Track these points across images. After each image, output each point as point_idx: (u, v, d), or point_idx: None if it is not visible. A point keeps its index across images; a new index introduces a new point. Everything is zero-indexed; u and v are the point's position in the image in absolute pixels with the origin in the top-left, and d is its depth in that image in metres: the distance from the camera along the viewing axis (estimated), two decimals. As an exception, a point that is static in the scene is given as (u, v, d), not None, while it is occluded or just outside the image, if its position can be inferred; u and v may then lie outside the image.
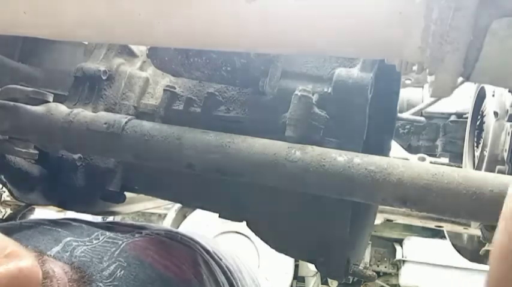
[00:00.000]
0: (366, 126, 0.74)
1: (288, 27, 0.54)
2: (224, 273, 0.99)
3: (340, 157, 0.64)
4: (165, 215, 4.76)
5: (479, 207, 0.58)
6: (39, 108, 0.78)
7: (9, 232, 0.74)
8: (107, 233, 0.89)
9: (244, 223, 0.88)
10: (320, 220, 0.78)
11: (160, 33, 0.59)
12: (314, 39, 0.55)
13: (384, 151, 1.00)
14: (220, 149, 0.69)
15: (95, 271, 0.78)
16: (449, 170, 0.61)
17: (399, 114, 2.10)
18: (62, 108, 0.79)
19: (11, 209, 2.23)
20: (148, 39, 0.66)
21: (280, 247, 0.87)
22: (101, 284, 0.75)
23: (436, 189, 0.59)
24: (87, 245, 0.83)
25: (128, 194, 0.98)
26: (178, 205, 4.63)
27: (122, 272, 0.78)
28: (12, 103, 0.78)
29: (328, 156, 0.65)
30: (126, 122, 0.75)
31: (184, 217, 4.53)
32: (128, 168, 0.91)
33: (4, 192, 2.16)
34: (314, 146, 0.68)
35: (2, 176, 0.89)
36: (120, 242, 0.86)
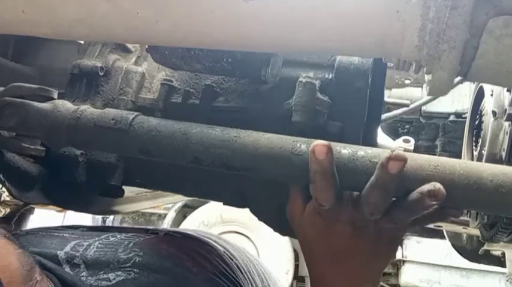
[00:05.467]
0: (366, 109, 0.76)
1: (287, 26, 0.54)
2: (234, 272, 0.99)
3: (345, 150, 0.65)
4: (165, 215, 4.77)
5: (480, 197, 0.60)
6: (46, 105, 0.78)
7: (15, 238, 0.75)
8: (118, 235, 0.90)
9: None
10: None
11: (159, 33, 0.60)
12: (312, 39, 0.55)
13: (372, 137, 1.02)
14: (227, 143, 0.69)
15: (111, 259, 0.78)
16: (450, 161, 0.62)
17: (386, 99, 2.12)
18: (68, 105, 0.79)
19: (10, 209, 2.22)
20: (147, 39, 0.66)
21: (284, 229, 0.87)
22: (119, 271, 0.76)
23: (438, 179, 0.60)
24: (100, 243, 0.83)
25: (127, 193, 0.98)
26: (178, 205, 4.64)
27: (139, 259, 0.79)
28: (19, 100, 0.78)
29: (333, 149, 0.66)
30: (133, 118, 0.75)
31: (184, 217, 4.54)
32: (129, 162, 0.91)
33: (4, 192, 2.16)
34: (319, 140, 0.69)
35: (1, 175, 0.89)
36: (132, 239, 0.87)
